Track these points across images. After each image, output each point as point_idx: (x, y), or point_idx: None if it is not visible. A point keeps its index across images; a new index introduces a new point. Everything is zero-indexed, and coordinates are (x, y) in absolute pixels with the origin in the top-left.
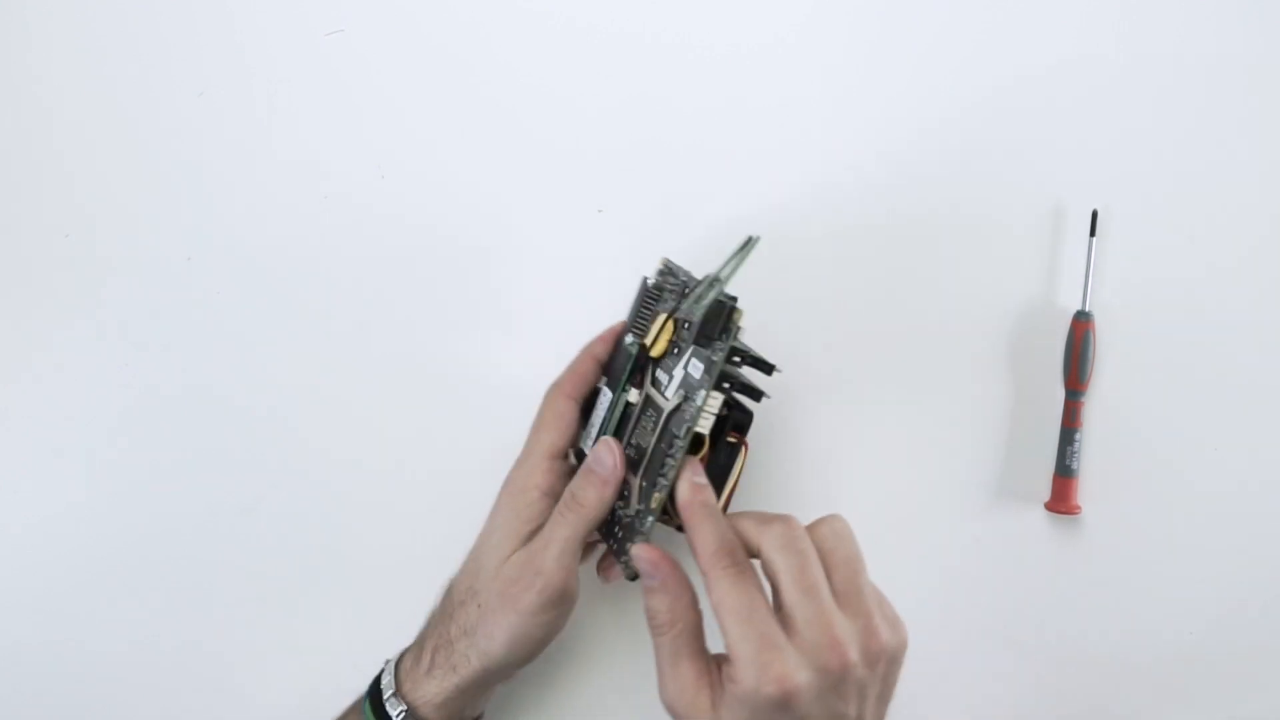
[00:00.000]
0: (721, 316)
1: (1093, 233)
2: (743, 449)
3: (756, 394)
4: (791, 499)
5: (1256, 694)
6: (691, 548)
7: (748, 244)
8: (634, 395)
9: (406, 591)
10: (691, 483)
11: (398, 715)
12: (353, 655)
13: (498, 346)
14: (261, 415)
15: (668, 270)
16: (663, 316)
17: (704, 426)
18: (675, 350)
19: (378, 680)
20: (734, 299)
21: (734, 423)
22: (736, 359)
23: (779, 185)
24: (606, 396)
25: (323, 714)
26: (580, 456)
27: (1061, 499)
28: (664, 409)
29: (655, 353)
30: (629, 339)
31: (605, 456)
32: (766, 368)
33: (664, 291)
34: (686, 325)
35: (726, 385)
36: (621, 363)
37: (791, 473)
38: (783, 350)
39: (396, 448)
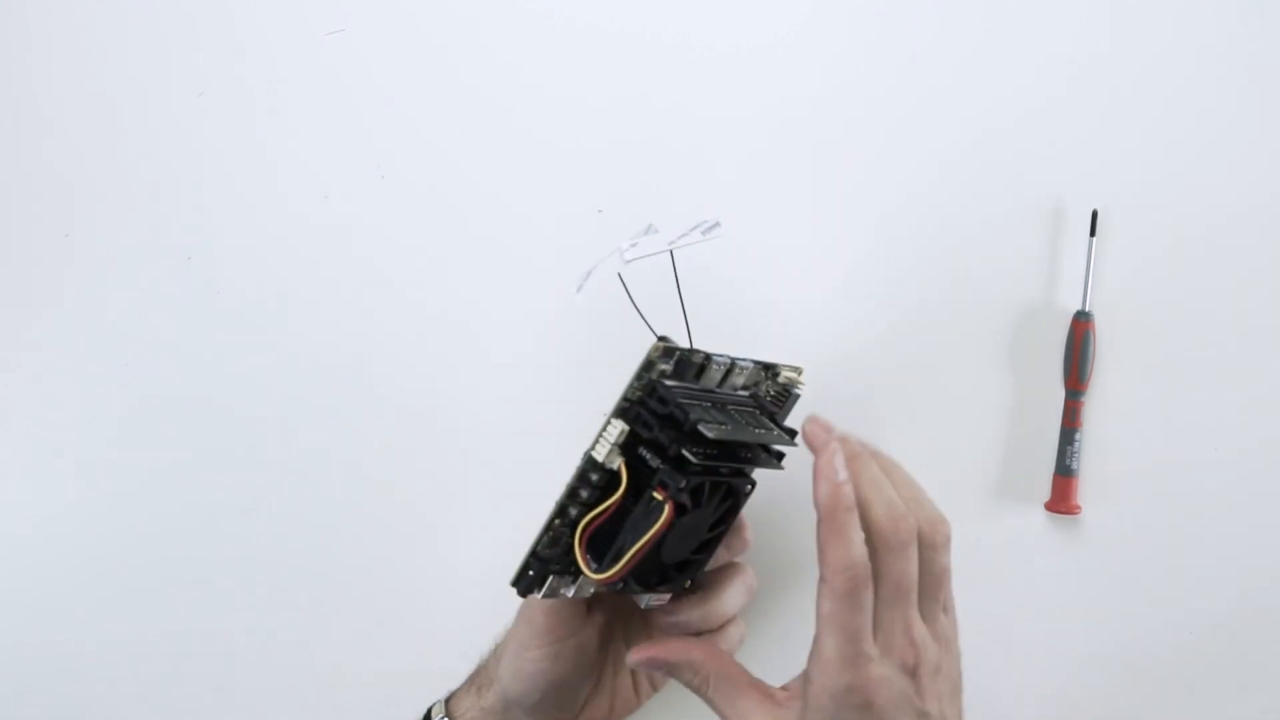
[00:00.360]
0: (647, 354)
1: (1093, 233)
2: (666, 509)
3: (667, 452)
4: (792, 498)
5: (1256, 694)
6: (819, 547)
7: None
8: None
9: (407, 591)
10: (833, 483)
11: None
12: (353, 655)
13: (498, 346)
14: (261, 415)
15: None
16: None
17: (599, 452)
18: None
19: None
20: (665, 340)
21: (660, 479)
22: (665, 409)
23: (778, 185)
24: None
25: (323, 712)
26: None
27: (1061, 499)
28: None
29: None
30: None
31: None
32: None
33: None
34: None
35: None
36: None
37: (792, 472)
38: (782, 351)
39: (396, 448)
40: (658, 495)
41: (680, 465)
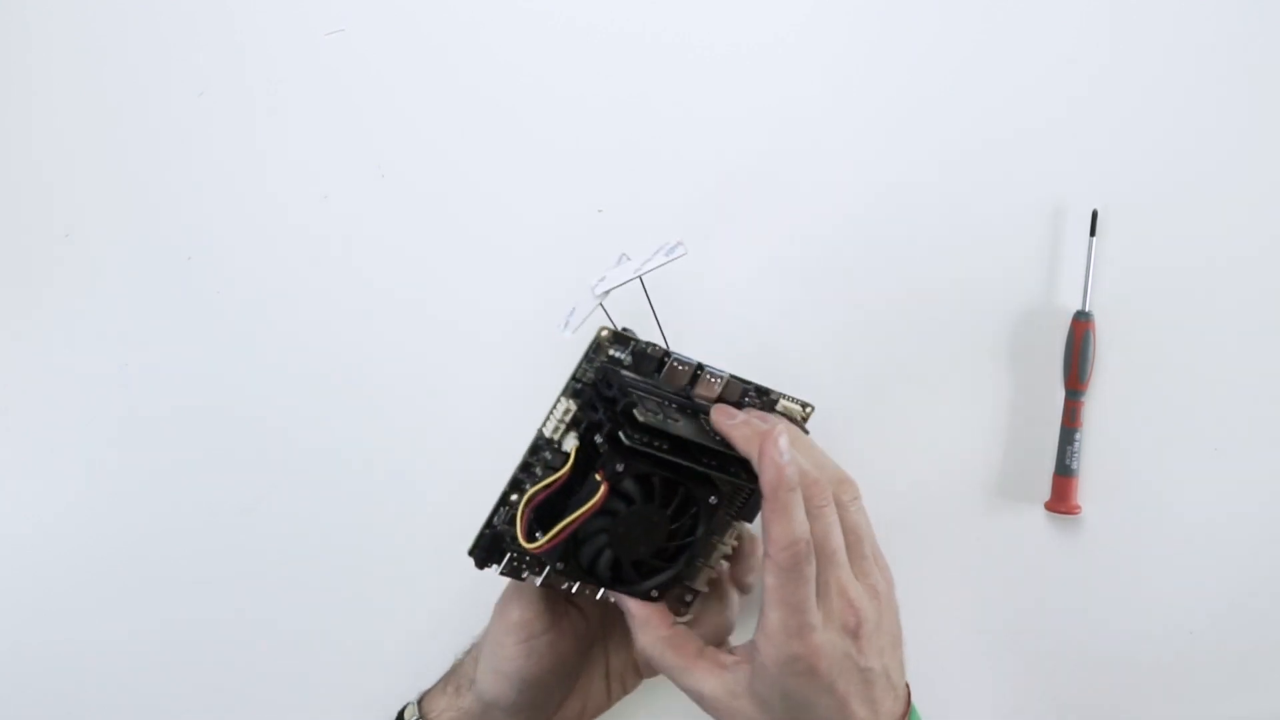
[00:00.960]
0: (595, 337)
1: (1093, 233)
2: (600, 489)
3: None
4: None
5: (1256, 694)
6: (764, 525)
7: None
8: None
9: (407, 593)
10: (777, 463)
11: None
12: (354, 654)
13: (498, 346)
14: (261, 415)
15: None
16: None
17: (547, 428)
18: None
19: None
20: (621, 330)
21: (601, 460)
22: (610, 392)
23: (778, 185)
24: None
25: (324, 711)
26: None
27: (1061, 499)
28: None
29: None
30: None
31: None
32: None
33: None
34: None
35: (605, 424)
36: None
37: None
38: (783, 350)
39: (397, 447)
40: (597, 476)
41: (621, 449)
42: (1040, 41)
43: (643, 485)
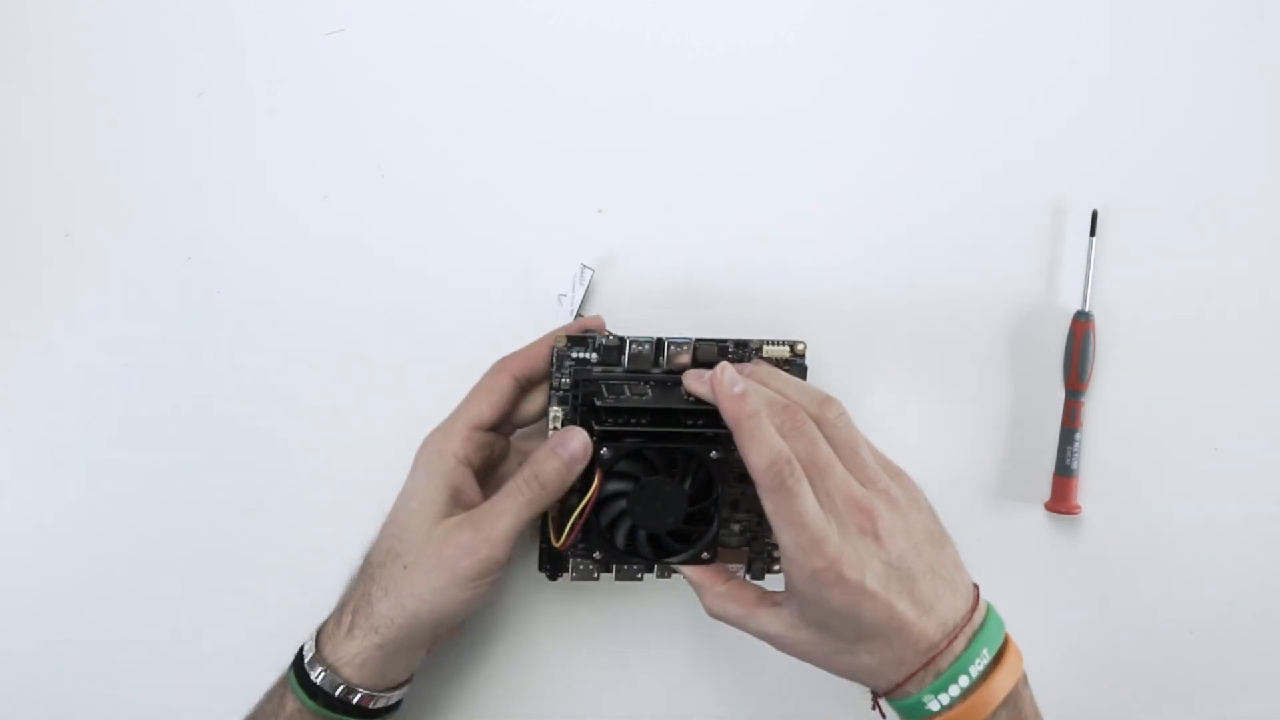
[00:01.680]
0: (552, 347)
1: (1093, 233)
2: (595, 478)
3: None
4: None
5: (1256, 694)
6: (742, 458)
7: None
8: None
9: None
10: (730, 396)
11: (317, 677)
12: None
13: (499, 347)
14: (261, 416)
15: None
16: None
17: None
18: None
19: (302, 649)
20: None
21: (598, 462)
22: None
23: (778, 185)
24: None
25: None
26: None
27: (1061, 499)
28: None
29: None
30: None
31: (573, 442)
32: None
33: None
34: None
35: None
36: None
37: None
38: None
39: (397, 447)
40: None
41: (604, 437)
42: (1040, 42)
43: (640, 461)
